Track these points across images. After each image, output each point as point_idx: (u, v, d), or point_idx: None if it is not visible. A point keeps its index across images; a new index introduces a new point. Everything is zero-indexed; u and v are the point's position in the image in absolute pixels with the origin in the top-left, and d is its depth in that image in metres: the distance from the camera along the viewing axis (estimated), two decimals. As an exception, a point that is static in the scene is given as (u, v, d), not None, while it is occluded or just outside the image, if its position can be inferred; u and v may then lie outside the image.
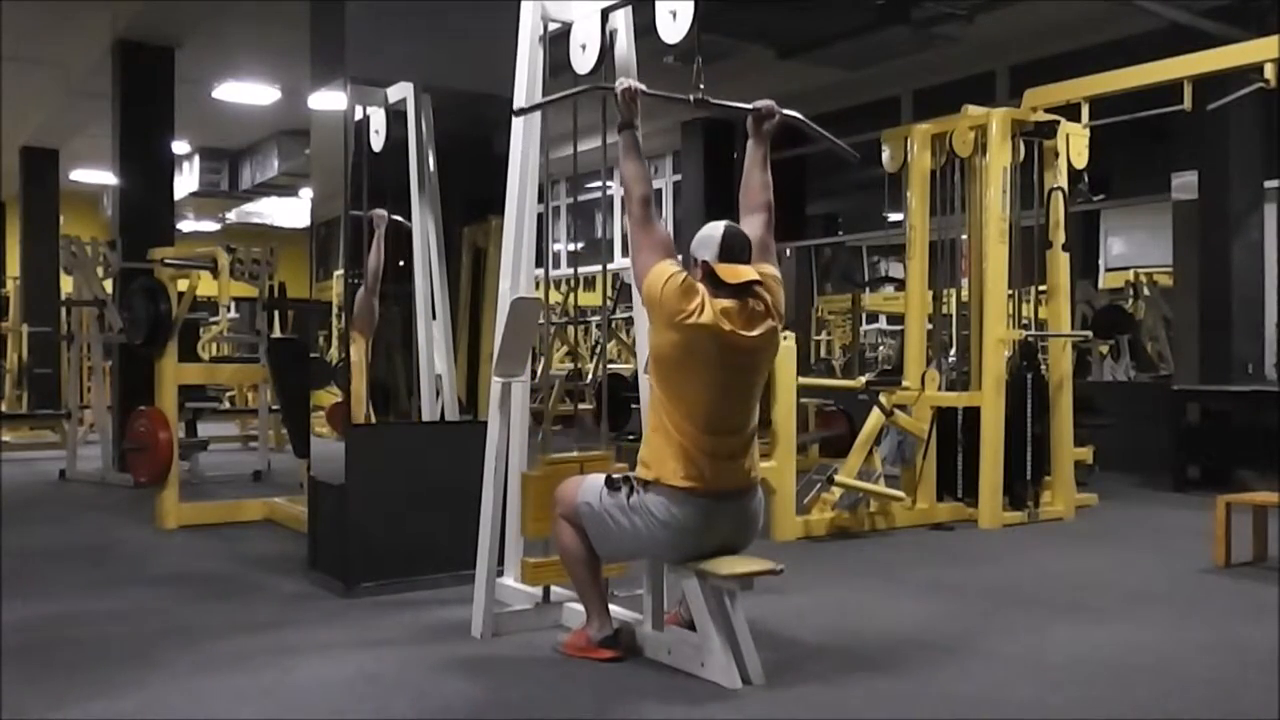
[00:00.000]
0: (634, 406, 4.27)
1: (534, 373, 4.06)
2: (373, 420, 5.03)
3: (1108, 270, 12.43)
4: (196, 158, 15.59)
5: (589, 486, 3.59)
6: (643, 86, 3.63)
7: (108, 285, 9.04)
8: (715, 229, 3.48)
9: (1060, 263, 6.94)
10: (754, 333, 3.40)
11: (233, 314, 11.81)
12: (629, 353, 11.95)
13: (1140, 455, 8.47)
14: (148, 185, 9.58)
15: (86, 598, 4.63)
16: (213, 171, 15.77)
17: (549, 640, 3.80)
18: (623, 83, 3.63)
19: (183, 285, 6.82)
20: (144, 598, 4.62)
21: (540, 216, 4.22)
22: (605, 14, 4.02)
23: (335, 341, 6.76)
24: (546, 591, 4.09)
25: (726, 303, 3.38)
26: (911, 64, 9.57)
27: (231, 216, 18.64)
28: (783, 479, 5.91)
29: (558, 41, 4.10)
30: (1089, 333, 8.97)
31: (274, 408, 8.39)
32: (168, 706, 3.20)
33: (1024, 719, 3.15)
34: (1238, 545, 5.15)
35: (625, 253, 4.60)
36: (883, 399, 6.40)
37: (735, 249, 3.44)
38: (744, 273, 3.40)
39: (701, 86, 3.73)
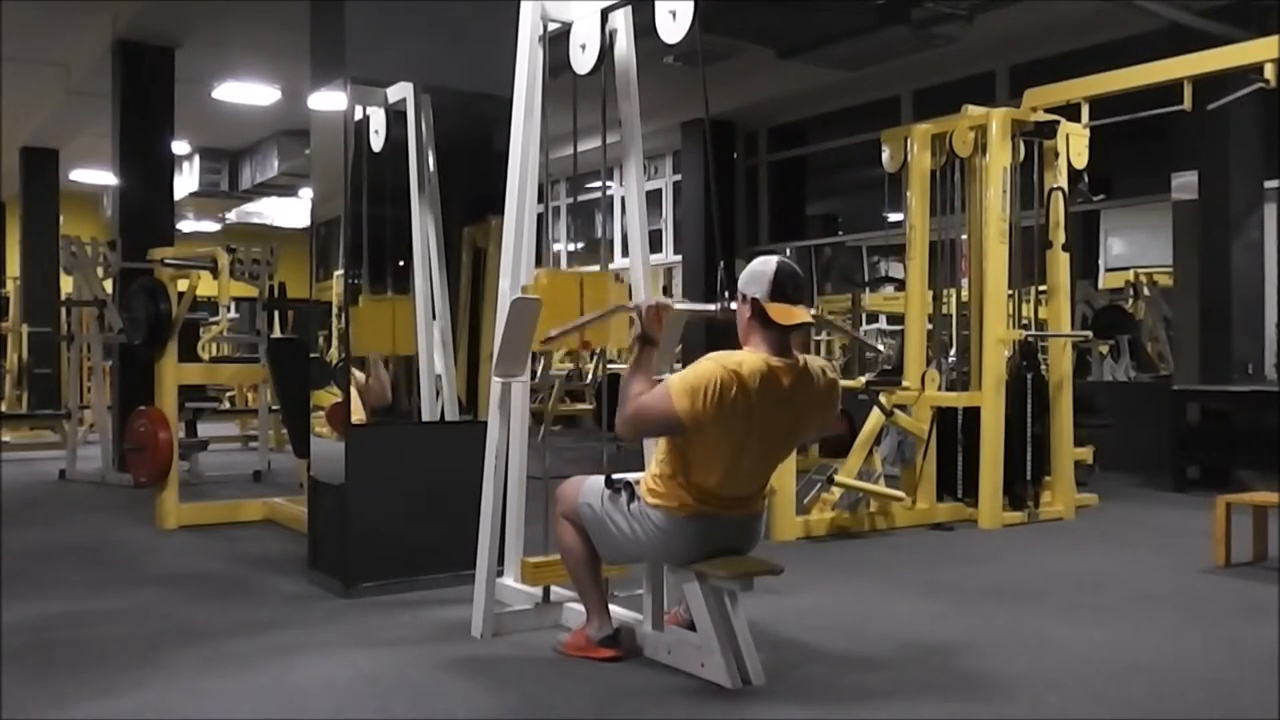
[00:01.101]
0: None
1: (534, 373, 4.05)
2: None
3: (1108, 270, 12.42)
4: (196, 158, 15.60)
5: (590, 488, 3.59)
6: (670, 303, 3.51)
7: (108, 285, 9.04)
8: (767, 265, 3.30)
9: (1060, 263, 6.95)
10: (805, 395, 3.28)
11: (233, 314, 11.81)
12: (629, 353, 11.95)
13: (1140, 455, 8.48)
14: (148, 185, 9.59)
15: (86, 598, 4.63)
16: (213, 171, 15.78)
17: (549, 640, 3.80)
18: (652, 300, 3.50)
19: (183, 285, 6.82)
20: (144, 598, 4.62)
21: (540, 216, 4.22)
22: (605, 14, 4.02)
23: (335, 341, 6.74)
24: (546, 591, 4.09)
25: (774, 361, 3.24)
26: (911, 64, 9.57)
27: (231, 216, 18.64)
28: (783, 479, 5.90)
29: (558, 41, 4.10)
30: (1089, 333, 8.96)
31: (274, 408, 8.39)
32: (168, 706, 3.19)
33: (1024, 719, 3.15)
34: (1238, 545, 5.15)
35: (625, 253, 4.58)
36: (883, 399, 6.40)
37: (789, 288, 3.25)
38: (797, 314, 3.24)
39: (727, 294, 3.50)
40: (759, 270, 3.31)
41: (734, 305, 3.42)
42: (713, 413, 3.18)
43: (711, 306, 3.59)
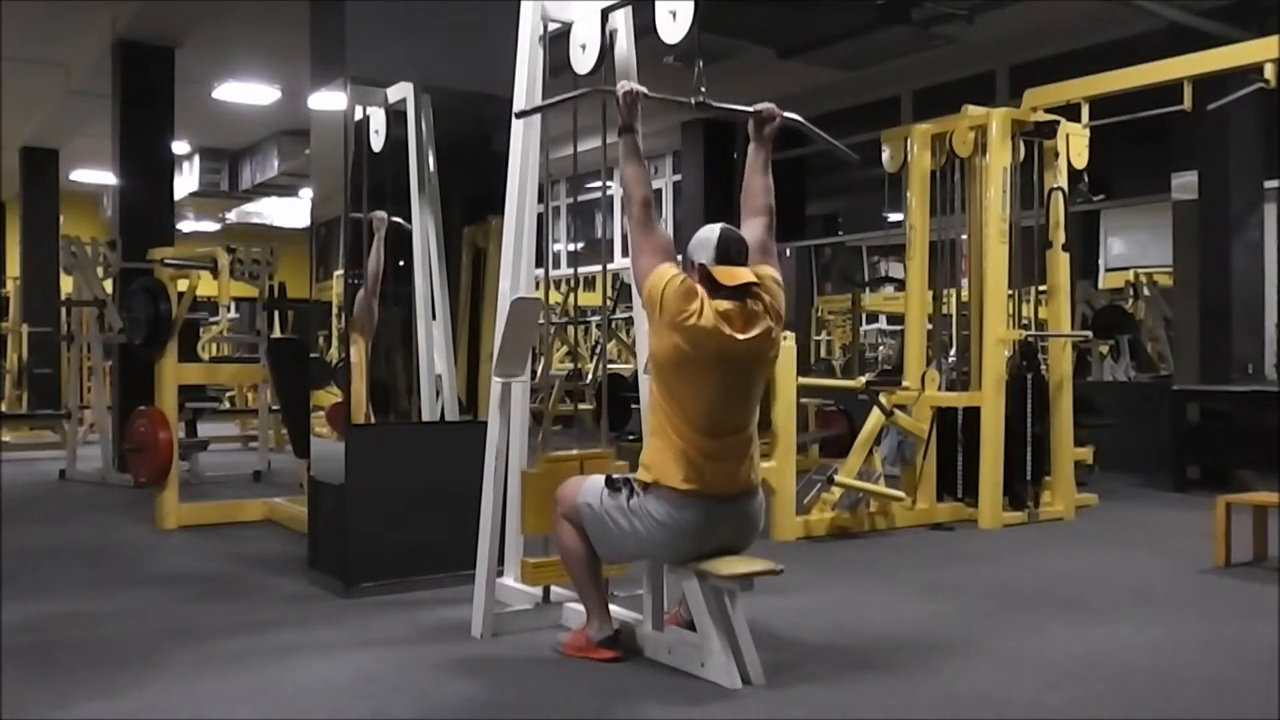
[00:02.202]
0: (634, 406, 4.27)
1: (534, 373, 4.06)
2: (372, 420, 5.03)
3: (1108, 270, 12.42)
4: (196, 158, 15.58)
5: (589, 487, 3.59)
6: (644, 90, 3.62)
7: (108, 285, 9.04)
8: (711, 231, 3.49)
9: (1060, 263, 6.94)
10: (751, 334, 3.40)
11: (233, 314, 11.81)
12: (629, 353, 11.96)
13: (1140, 455, 8.47)
14: (148, 185, 9.58)
15: (86, 598, 4.63)
16: (213, 171, 15.77)
17: (549, 640, 3.80)
18: (624, 85, 3.62)
19: (183, 285, 6.81)
20: (144, 598, 4.62)
21: (540, 216, 4.22)
22: (605, 14, 4.02)
23: (335, 341, 6.74)
24: (546, 591, 4.09)
25: (725, 304, 3.38)
26: (911, 64, 9.56)
27: (231, 216, 18.64)
28: (783, 479, 5.91)
29: (558, 41, 4.10)
30: (1089, 333, 8.97)
31: (274, 408, 8.39)
32: (168, 706, 3.20)
33: (1024, 719, 3.15)
34: (1238, 545, 5.15)
35: (626, 253, 4.59)
36: (883, 399, 6.40)
37: (731, 251, 3.45)
38: (740, 274, 3.40)
39: (703, 90, 3.72)
40: (704, 237, 3.50)
41: (709, 101, 3.71)
42: (668, 315, 3.35)
43: (683, 99, 3.76)
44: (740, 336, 3.38)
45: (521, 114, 4.00)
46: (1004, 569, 5.34)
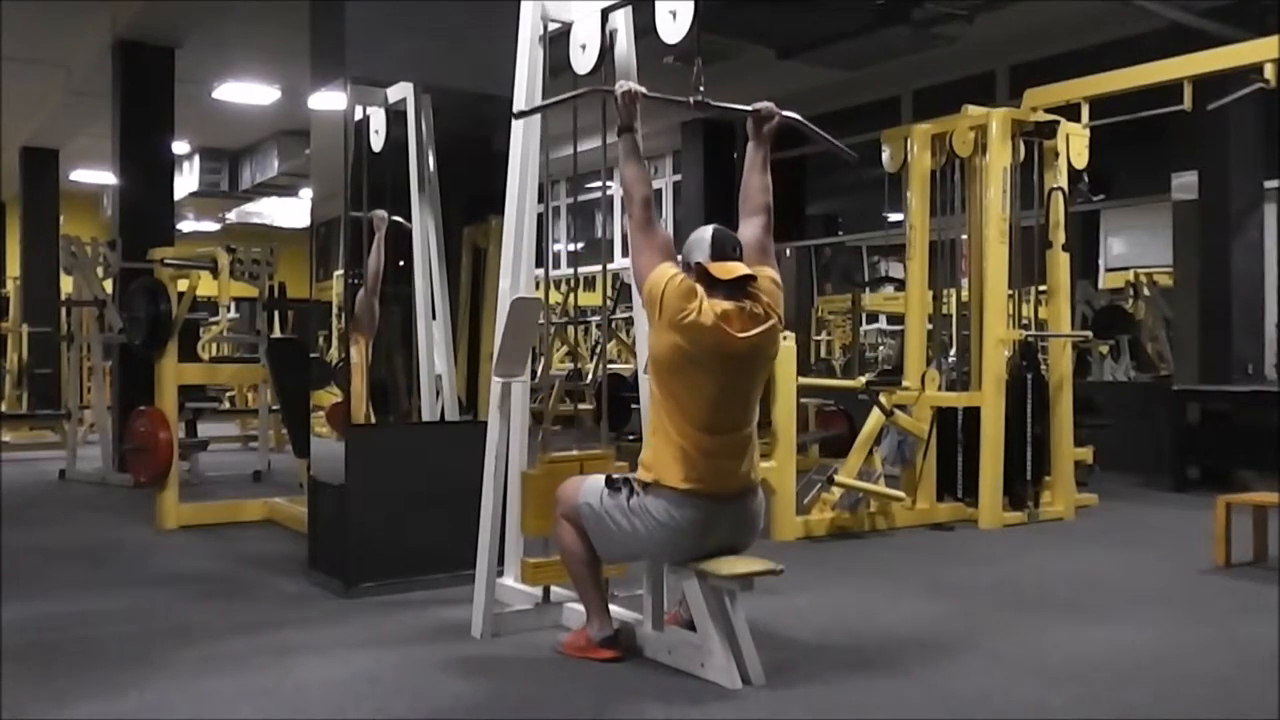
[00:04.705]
0: (634, 406, 4.27)
1: (534, 373, 4.06)
2: (373, 420, 5.03)
3: (1108, 270, 12.42)
4: (196, 158, 15.59)
5: (589, 487, 3.59)
6: (643, 89, 3.63)
7: (108, 285, 9.04)
8: (704, 232, 3.54)
9: (1060, 263, 6.95)
10: (752, 333, 3.41)
11: (233, 314, 11.81)
12: (629, 353, 11.96)
13: (1140, 455, 8.47)
14: (148, 185, 9.58)
15: (86, 598, 4.63)
16: (213, 171, 15.77)
17: (549, 640, 3.80)
18: (623, 85, 3.63)
19: (183, 285, 6.82)
20: (144, 598, 4.62)
21: (540, 216, 4.22)
22: (605, 14, 4.02)
23: (335, 341, 6.75)
24: (546, 591, 4.09)
25: (725, 304, 3.40)
26: (911, 64, 9.57)
27: (231, 216, 18.64)
28: (783, 479, 5.91)
29: (558, 41, 4.10)
30: (1089, 333, 8.97)
31: (274, 408, 8.39)
32: (168, 706, 3.20)
33: (1024, 719, 3.15)
34: (1238, 545, 5.15)
35: (626, 253, 4.60)
36: (883, 399, 6.40)
37: (726, 248, 3.50)
38: (736, 269, 3.44)
39: (701, 89, 3.73)
40: (698, 238, 3.55)
41: (708, 100, 3.72)
42: (668, 314, 3.36)
43: (682, 98, 3.77)
44: (741, 335, 3.39)
45: (520, 114, 4.00)
46: (1004, 569, 5.34)
